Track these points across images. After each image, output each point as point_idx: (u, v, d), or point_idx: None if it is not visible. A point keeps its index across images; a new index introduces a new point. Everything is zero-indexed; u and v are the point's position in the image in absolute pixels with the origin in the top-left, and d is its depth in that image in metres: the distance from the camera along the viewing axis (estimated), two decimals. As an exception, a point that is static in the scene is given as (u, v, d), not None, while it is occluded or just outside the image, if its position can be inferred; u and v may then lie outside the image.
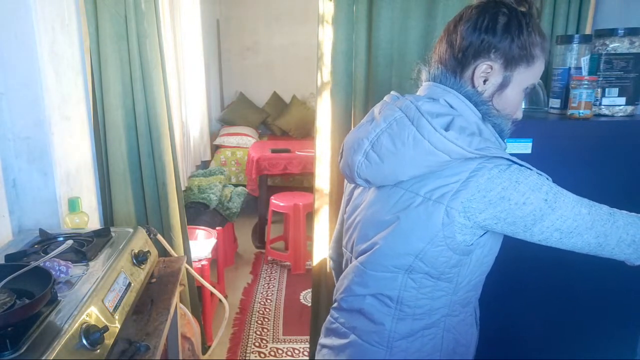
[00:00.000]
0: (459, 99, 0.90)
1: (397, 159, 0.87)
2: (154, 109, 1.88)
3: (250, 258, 3.77)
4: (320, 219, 2.16)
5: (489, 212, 0.83)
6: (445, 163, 0.84)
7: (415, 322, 0.94)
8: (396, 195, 0.90)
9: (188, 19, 3.55)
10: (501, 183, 0.82)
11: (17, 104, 1.48)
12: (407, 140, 0.86)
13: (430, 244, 0.86)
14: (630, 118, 1.45)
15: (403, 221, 0.88)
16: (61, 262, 1.11)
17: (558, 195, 0.83)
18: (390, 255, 0.91)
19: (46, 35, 1.49)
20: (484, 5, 0.90)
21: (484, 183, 0.82)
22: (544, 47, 0.90)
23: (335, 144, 2.04)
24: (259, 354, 2.54)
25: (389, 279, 0.92)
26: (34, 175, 1.53)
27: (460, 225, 0.85)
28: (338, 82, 1.97)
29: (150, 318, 1.24)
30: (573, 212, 0.83)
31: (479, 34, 0.88)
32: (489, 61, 0.89)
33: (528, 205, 0.82)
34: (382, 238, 0.92)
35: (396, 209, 0.90)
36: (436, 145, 0.83)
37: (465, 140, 0.82)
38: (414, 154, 0.85)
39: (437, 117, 0.86)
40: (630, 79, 1.43)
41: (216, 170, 3.66)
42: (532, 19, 0.89)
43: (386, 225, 0.91)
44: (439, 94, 0.92)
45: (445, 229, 0.85)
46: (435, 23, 1.90)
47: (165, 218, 1.99)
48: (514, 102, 0.94)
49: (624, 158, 1.38)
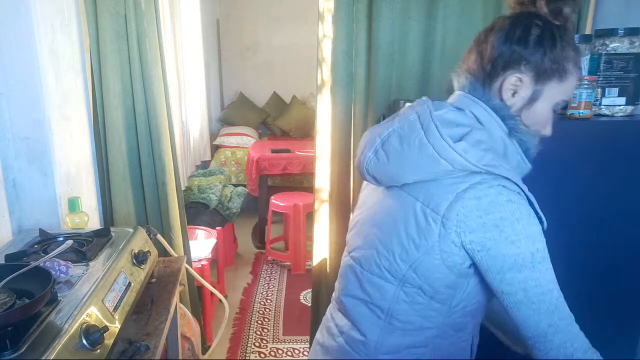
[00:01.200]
0: (487, 111, 0.88)
1: (401, 160, 0.86)
2: (154, 109, 1.88)
3: (250, 258, 3.77)
4: (320, 219, 2.16)
5: (479, 234, 0.79)
6: (448, 172, 0.82)
7: (403, 338, 0.91)
8: (400, 198, 0.89)
9: (188, 18, 3.55)
10: (502, 212, 0.78)
11: (17, 104, 1.47)
12: (413, 143, 0.85)
13: (426, 254, 0.83)
14: (630, 118, 1.45)
15: (401, 225, 0.86)
16: (61, 262, 1.11)
17: (545, 260, 0.80)
18: (385, 258, 0.89)
19: (46, 35, 1.49)
20: (518, 16, 0.88)
21: (485, 204, 0.79)
22: (577, 62, 0.87)
23: (335, 144, 2.04)
24: (259, 354, 2.54)
25: (383, 287, 0.90)
26: (34, 175, 1.53)
27: (452, 241, 0.81)
28: (338, 82, 1.97)
29: (150, 318, 1.24)
30: (547, 286, 0.79)
31: (510, 44, 0.86)
32: (519, 73, 0.86)
33: (516, 247, 0.78)
34: (379, 239, 0.91)
35: (397, 212, 0.88)
36: (440, 152, 0.81)
37: (475, 154, 0.80)
38: (417, 158, 0.84)
39: (452, 126, 0.84)
40: (630, 79, 1.43)
41: (216, 170, 3.67)
42: (566, 32, 0.86)
43: (386, 226, 0.90)
44: (466, 104, 0.90)
45: (442, 242, 0.82)
46: (436, 23, 1.90)
47: (165, 218, 1.99)
48: (543, 118, 0.90)
49: (624, 158, 1.38)
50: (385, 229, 0.90)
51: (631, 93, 1.44)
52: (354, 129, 2.02)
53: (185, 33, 3.42)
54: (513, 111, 0.88)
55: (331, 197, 2.10)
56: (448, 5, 1.88)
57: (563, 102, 0.90)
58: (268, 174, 4.03)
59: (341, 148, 2.05)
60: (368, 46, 1.94)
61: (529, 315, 0.80)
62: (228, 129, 5.15)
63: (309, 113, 5.34)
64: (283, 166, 4.04)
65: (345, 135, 2.04)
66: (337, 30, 1.91)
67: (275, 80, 5.67)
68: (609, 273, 1.39)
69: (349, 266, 0.99)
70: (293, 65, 5.51)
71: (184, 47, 3.30)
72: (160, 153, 1.92)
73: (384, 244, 0.89)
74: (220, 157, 4.74)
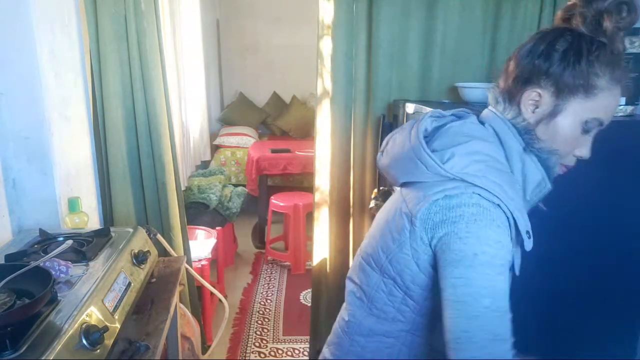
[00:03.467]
0: (506, 125, 0.87)
1: (395, 160, 0.92)
2: (154, 109, 1.88)
3: (250, 258, 3.77)
4: (320, 219, 2.16)
5: (441, 230, 0.78)
6: (427, 176, 0.83)
7: (377, 324, 0.94)
8: (397, 195, 0.94)
9: (188, 18, 3.55)
10: (464, 211, 0.77)
11: (17, 104, 1.47)
12: (401, 141, 0.90)
13: (399, 248, 0.85)
14: (630, 118, 1.45)
15: (390, 219, 0.90)
16: (61, 262, 1.11)
17: (490, 267, 0.75)
18: (372, 247, 0.94)
19: (46, 35, 1.49)
20: (550, 30, 0.86)
21: (452, 204, 0.78)
22: (613, 79, 0.81)
23: (335, 144, 2.04)
24: (259, 354, 2.54)
25: (369, 274, 0.95)
26: (34, 175, 1.53)
27: (420, 238, 0.82)
28: (338, 82, 1.97)
29: (150, 318, 1.24)
30: (479, 291, 0.74)
31: (532, 58, 0.84)
32: (539, 88, 0.84)
33: (463, 243, 0.76)
34: (375, 229, 0.97)
35: (390, 207, 0.94)
36: (416, 154, 0.84)
37: (457, 162, 0.81)
38: (404, 159, 0.88)
39: (459, 136, 0.86)
40: (630, 79, 1.43)
41: (216, 170, 3.67)
42: (602, 49, 0.80)
43: (380, 218, 0.96)
44: (488, 117, 0.90)
45: (412, 239, 0.83)
46: (436, 23, 1.90)
47: (165, 218, 1.99)
48: (565, 136, 0.85)
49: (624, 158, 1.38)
50: (379, 221, 0.96)
51: (631, 93, 1.44)
52: (354, 129, 2.02)
53: (185, 33, 3.42)
54: (529, 125, 0.87)
55: (331, 197, 2.10)
56: (448, 5, 1.88)
57: (596, 121, 0.83)
58: (268, 174, 4.03)
59: (341, 148, 2.05)
60: (368, 46, 1.94)
61: (450, 315, 0.76)
62: (228, 129, 5.15)
63: (309, 113, 5.34)
64: (283, 166, 4.04)
65: (345, 135, 2.04)
66: (337, 30, 1.91)
67: (275, 80, 5.67)
68: (609, 273, 1.39)
69: (358, 253, 1.04)
70: (293, 65, 5.51)
71: (184, 47, 3.30)
72: (160, 153, 1.92)
73: (375, 234, 0.95)
74: (220, 157, 4.73)
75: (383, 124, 1.91)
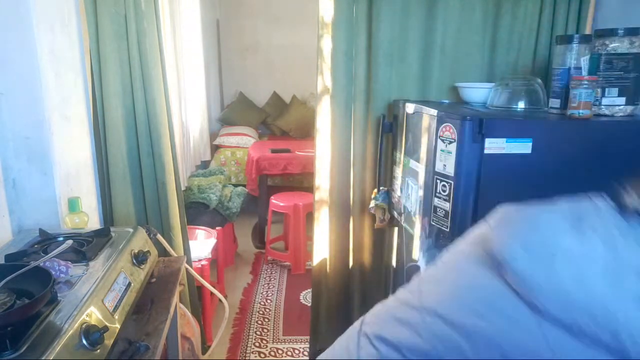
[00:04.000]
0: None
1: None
2: (154, 109, 1.88)
3: (250, 258, 3.77)
4: (320, 219, 2.16)
5: None
6: None
7: None
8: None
9: (188, 18, 3.55)
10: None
11: (17, 104, 1.47)
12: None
13: None
14: (630, 118, 1.45)
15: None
16: (61, 262, 1.11)
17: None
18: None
19: (46, 35, 1.49)
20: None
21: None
22: None
23: (335, 144, 2.04)
24: (259, 354, 2.54)
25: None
26: (34, 175, 1.53)
27: None
28: (338, 82, 1.97)
29: (150, 318, 1.24)
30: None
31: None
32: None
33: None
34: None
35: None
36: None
37: None
38: None
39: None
40: (630, 79, 1.43)
41: (216, 170, 3.66)
42: None
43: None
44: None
45: None
46: (436, 23, 1.90)
47: (165, 218, 1.99)
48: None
49: (624, 158, 1.38)
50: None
51: (631, 93, 1.44)
52: (354, 129, 2.02)
53: (185, 33, 3.41)
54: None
55: (331, 197, 2.10)
56: (448, 5, 1.88)
57: None
58: (268, 174, 4.03)
59: (341, 148, 2.05)
60: (368, 46, 1.94)
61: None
62: (228, 129, 5.15)
63: (309, 113, 5.33)
64: (283, 166, 4.04)
65: (345, 135, 2.04)
66: (337, 30, 1.91)
67: (275, 80, 5.67)
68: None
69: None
70: (293, 65, 5.50)
71: (184, 47, 3.30)
72: (160, 153, 1.92)
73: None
74: (220, 157, 4.73)
75: (383, 123, 1.91)
